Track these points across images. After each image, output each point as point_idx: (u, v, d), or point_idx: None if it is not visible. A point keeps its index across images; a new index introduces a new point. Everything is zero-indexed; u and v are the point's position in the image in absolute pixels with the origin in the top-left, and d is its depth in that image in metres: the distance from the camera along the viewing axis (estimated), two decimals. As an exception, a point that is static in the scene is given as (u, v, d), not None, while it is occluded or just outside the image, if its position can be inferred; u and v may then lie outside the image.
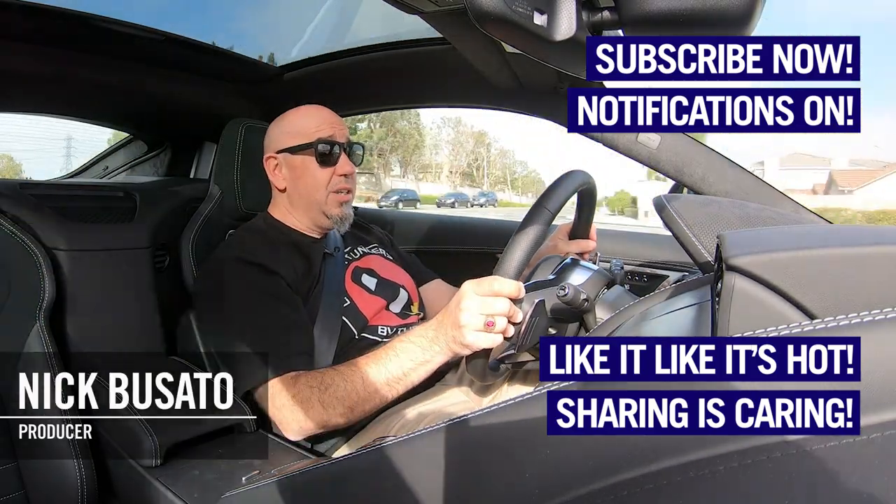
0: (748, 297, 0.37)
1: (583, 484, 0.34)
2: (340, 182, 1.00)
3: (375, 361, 0.80)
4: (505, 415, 0.39)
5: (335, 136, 0.99)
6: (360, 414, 0.82)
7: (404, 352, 0.79)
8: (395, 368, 0.79)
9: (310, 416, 0.81)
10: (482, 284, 0.72)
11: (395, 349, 0.80)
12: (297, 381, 0.83)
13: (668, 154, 1.07)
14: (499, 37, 0.44)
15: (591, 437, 0.34)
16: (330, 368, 0.85)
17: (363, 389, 0.80)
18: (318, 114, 1.02)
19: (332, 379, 0.81)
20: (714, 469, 0.31)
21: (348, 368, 0.82)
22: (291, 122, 1.02)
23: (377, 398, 0.81)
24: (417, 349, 0.79)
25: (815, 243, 0.38)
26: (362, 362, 0.82)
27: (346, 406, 0.80)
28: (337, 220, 1.01)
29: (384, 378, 0.79)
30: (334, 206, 1.00)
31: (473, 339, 0.73)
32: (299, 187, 1.01)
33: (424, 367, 0.79)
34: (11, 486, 0.90)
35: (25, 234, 0.95)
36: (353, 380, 0.80)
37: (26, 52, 1.06)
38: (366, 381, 0.80)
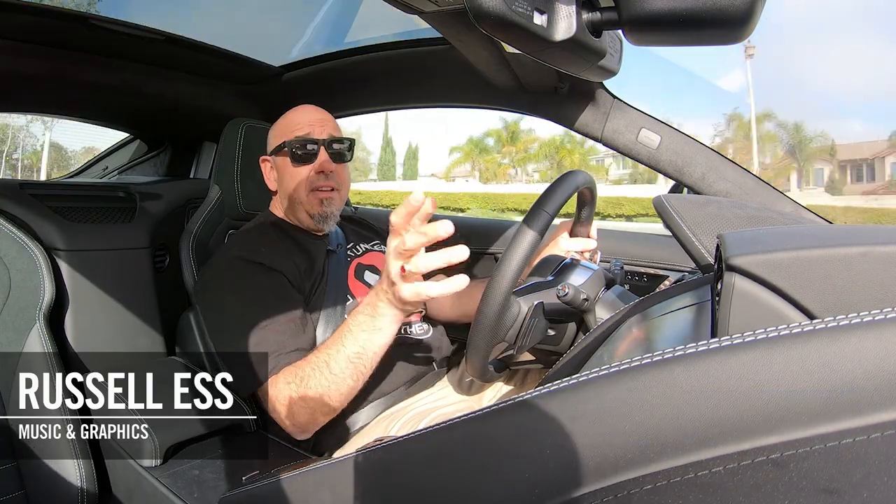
0: (748, 297, 0.37)
1: (583, 484, 0.34)
2: (319, 179, 0.98)
3: (335, 343, 0.79)
4: (504, 415, 0.39)
5: (312, 133, 0.99)
6: (339, 399, 0.80)
7: (356, 325, 0.78)
8: (352, 345, 0.78)
9: (296, 412, 0.80)
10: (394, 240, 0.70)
11: (348, 326, 0.79)
12: (277, 381, 0.82)
13: (668, 154, 1.07)
14: (499, 37, 0.44)
15: (591, 437, 0.34)
16: (303, 360, 0.83)
17: (330, 374, 0.78)
18: (299, 113, 1.02)
19: (304, 371, 0.80)
20: (714, 469, 0.31)
21: (315, 357, 0.80)
22: (278, 124, 1.03)
23: (348, 379, 0.79)
24: (367, 319, 0.77)
25: (816, 243, 0.38)
26: (324, 347, 0.80)
27: (323, 394, 0.79)
28: (319, 218, 1.00)
29: (345, 357, 0.78)
30: (315, 205, 0.99)
31: (406, 291, 0.70)
32: (284, 187, 1.02)
33: (379, 334, 0.77)
34: (11, 486, 0.90)
35: (25, 234, 0.95)
36: (321, 367, 0.79)
37: (26, 52, 1.06)
38: (331, 366, 0.78)
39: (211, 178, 1.23)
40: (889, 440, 0.28)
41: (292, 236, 1.01)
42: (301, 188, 0.99)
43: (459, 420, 0.41)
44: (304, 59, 1.37)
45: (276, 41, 1.42)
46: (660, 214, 0.62)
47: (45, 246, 0.98)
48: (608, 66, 0.77)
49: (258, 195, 1.11)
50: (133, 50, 1.16)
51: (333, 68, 1.33)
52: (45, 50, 1.07)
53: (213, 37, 1.24)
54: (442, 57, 1.17)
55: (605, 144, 1.11)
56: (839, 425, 0.29)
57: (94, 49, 1.13)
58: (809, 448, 0.29)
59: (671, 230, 0.60)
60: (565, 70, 0.63)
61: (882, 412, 0.28)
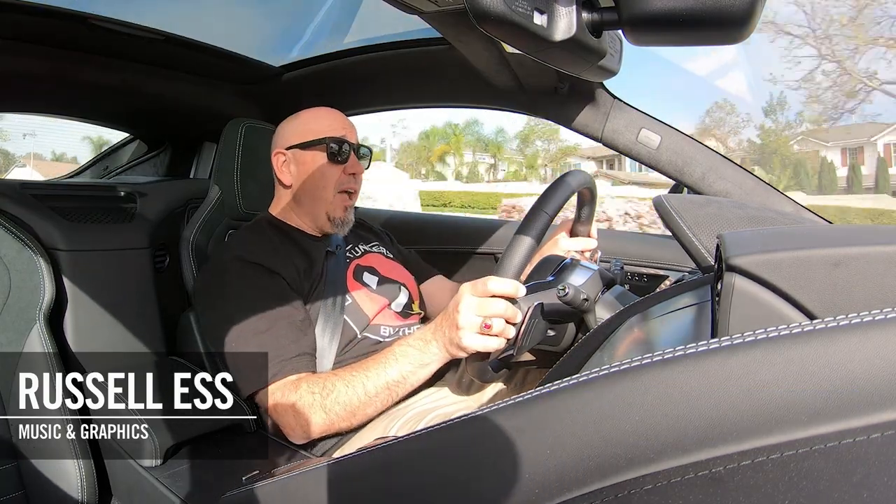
0: (748, 297, 0.37)
1: (583, 484, 0.34)
2: (349, 181, 1.01)
3: (375, 366, 0.81)
4: (504, 415, 0.39)
5: (347, 136, 1.01)
6: (363, 418, 0.83)
7: (403, 356, 0.80)
8: (394, 373, 0.80)
9: (313, 421, 0.81)
10: (479, 286, 0.72)
11: (395, 353, 0.81)
12: (299, 387, 0.83)
13: (668, 154, 1.07)
14: (499, 37, 0.44)
15: (591, 438, 0.34)
16: (331, 373, 0.86)
17: (364, 394, 0.80)
18: (331, 114, 1.04)
19: (333, 384, 0.82)
20: (714, 469, 0.31)
21: (349, 373, 0.82)
22: (304, 120, 1.03)
23: (378, 402, 0.81)
24: (416, 353, 0.79)
25: (816, 243, 0.38)
26: (362, 367, 0.82)
27: (349, 411, 0.81)
28: (339, 223, 1.02)
29: (384, 382, 0.80)
30: (339, 209, 1.01)
31: (470, 342, 0.73)
32: (306, 184, 1.01)
33: (423, 369, 0.80)
34: (11, 486, 0.90)
35: (25, 234, 0.95)
36: (355, 385, 0.81)
37: (26, 52, 1.06)
38: (367, 386, 0.80)
39: (211, 179, 1.22)
40: (889, 440, 0.28)
41: (291, 237, 1.01)
42: (330, 186, 1.00)
43: (459, 420, 0.41)
44: (304, 59, 1.37)
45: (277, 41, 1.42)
46: (660, 214, 0.62)
47: (45, 246, 0.98)
48: (608, 66, 0.77)
49: (258, 195, 1.11)
50: (133, 50, 1.16)
51: (333, 68, 1.33)
52: (45, 50, 1.07)
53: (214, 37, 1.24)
54: (442, 57, 1.17)
55: (605, 144, 1.11)
56: (839, 425, 0.29)
57: (94, 49, 1.13)
58: (809, 448, 0.29)
59: (671, 230, 0.60)
60: (565, 70, 0.63)
61: (882, 412, 0.28)
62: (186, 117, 1.45)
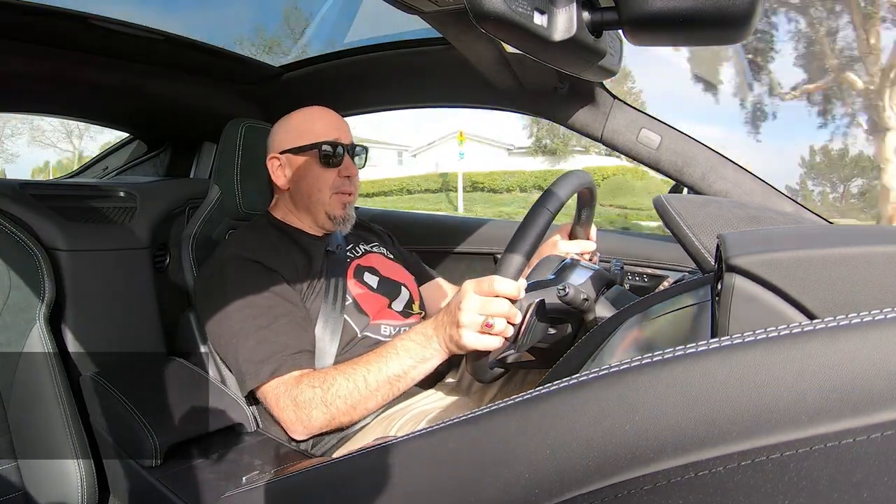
0: (748, 297, 0.37)
1: (582, 484, 0.34)
2: (344, 184, 1.01)
3: (377, 360, 0.81)
4: (504, 415, 0.39)
5: (340, 138, 1.00)
6: (363, 412, 0.83)
7: (404, 350, 0.80)
8: (395, 367, 0.80)
9: (314, 416, 0.82)
10: (482, 284, 0.72)
11: (396, 347, 0.81)
12: (300, 382, 0.83)
13: (669, 154, 1.07)
14: (499, 37, 0.44)
15: (592, 437, 0.34)
16: (332, 368, 0.86)
17: (365, 388, 0.81)
18: (323, 116, 1.03)
19: (333, 378, 0.82)
20: (714, 469, 0.31)
21: (350, 367, 0.83)
22: (296, 123, 1.02)
23: (379, 396, 0.82)
24: (418, 347, 0.79)
25: (816, 243, 0.38)
26: (363, 361, 0.83)
27: (349, 405, 0.81)
28: (339, 220, 1.02)
29: (385, 376, 0.80)
30: (337, 207, 1.01)
31: (471, 340, 0.73)
32: (301, 187, 1.01)
33: (424, 364, 0.80)
34: (11, 486, 0.90)
35: (25, 234, 0.95)
36: (355, 379, 0.81)
37: (26, 52, 1.06)
38: (367, 380, 0.81)
39: (211, 178, 1.22)
40: (889, 440, 0.28)
41: (291, 236, 1.01)
42: (325, 189, 1.00)
43: (458, 420, 0.41)
44: (304, 59, 1.37)
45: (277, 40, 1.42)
46: (660, 214, 0.62)
47: (45, 246, 0.98)
48: (608, 66, 0.77)
49: (258, 195, 1.11)
50: (133, 50, 1.16)
51: (333, 68, 1.33)
52: (44, 50, 1.07)
53: (213, 37, 1.24)
54: (442, 57, 1.17)
55: (605, 144, 1.11)
56: (839, 425, 0.29)
57: (94, 49, 1.12)
58: (809, 448, 0.29)
59: (671, 230, 0.60)
60: (565, 70, 0.63)
61: (882, 412, 0.28)
62: (186, 117, 1.45)
